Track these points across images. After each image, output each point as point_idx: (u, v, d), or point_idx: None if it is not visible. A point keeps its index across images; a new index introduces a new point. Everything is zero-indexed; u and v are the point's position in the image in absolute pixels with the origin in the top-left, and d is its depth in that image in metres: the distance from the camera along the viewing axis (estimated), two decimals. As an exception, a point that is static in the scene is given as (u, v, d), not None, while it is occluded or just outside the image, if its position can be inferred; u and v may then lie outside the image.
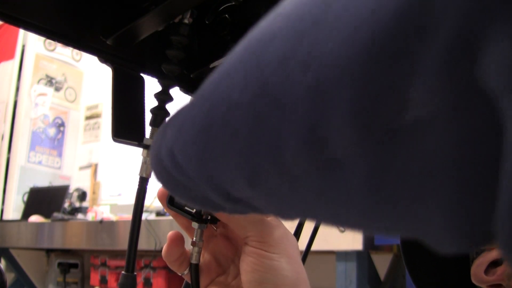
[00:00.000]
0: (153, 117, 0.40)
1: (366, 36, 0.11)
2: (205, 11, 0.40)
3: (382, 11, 0.11)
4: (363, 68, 0.11)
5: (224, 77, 0.15)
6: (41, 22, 0.36)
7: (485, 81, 0.10)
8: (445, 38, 0.10)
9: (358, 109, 0.11)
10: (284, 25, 0.13)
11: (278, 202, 0.16)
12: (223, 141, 0.15)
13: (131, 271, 0.38)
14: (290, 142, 0.13)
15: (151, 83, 0.43)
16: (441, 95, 0.10)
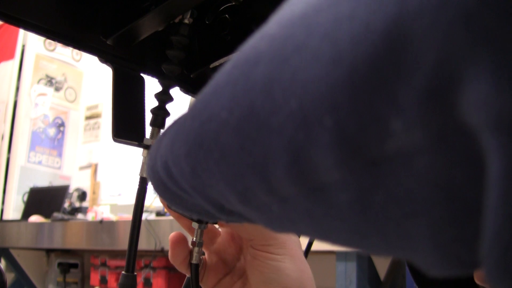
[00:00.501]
0: (153, 117, 0.40)
1: (346, 69, 0.11)
2: (205, 11, 0.40)
3: (361, 45, 0.11)
4: (344, 99, 0.11)
5: (214, 95, 0.15)
6: (41, 22, 0.36)
7: (466, 117, 0.10)
8: (424, 75, 0.10)
9: (340, 138, 0.12)
10: (268, 47, 0.13)
11: (269, 218, 0.16)
12: (213, 158, 0.15)
13: (131, 271, 0.38)
14: (276, 165, 0.13)
15: (151, 83, 0.43)
16: (422, 129, 0.11)
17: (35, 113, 3.20)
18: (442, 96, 0.10)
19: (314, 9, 0.12)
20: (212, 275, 0.38)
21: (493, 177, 0.10)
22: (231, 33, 0.39)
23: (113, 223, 2.06)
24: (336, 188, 0.13)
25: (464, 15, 0.09)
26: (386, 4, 0.11)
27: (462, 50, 0.10)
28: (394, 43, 0.10)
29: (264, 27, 0.15)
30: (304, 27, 0.12)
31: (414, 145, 0.11)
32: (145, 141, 0.40)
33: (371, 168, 0.12)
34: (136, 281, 0.38)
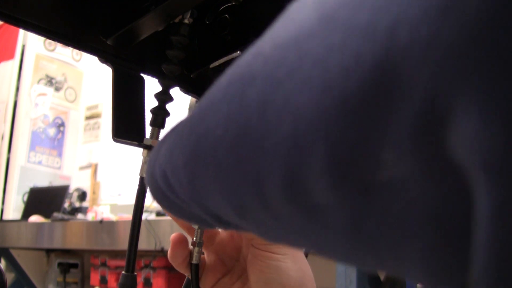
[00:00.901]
0: (153, 117, 0.40)
1: (337, 99, 0.11)
2: (205, 11, 0.40)
3: (351, 77, 0.11)
4: (336, 128, 0.11)
5: (211, 109, 0.16)
6: (41, 22, 0.36)
7: (455, 153, 0.10)
8: (413, 110, 0.10)
9: (333, 164, 0.12)
10: (262, 68, 0.14)
11: (265, 231, 0.16)
12: (209, 172, 0.16)
13: (131, 271, 0.38)
14: (270, 185, 0.13)
15: (151, 83, 0.43)
16: (412, 160, 0.11)
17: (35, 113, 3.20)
18: (432, 131, 0.10)
19: (307, 34, 0.13)
20: (211, 275, 0.38)
21: (481, 215, 0.10)
22: (231, 33, 0.39)
23: (113, 223, 2.06)
24: (330, 209, 0.13)
25: (453, 54, 0.10)
26: (376, 37, 0.11)
27: (451, 88, 0.10)
28: (383, 77, 0.10)
29: (258, 44, 0.15)
30: (297, 51, 0.13)
31: (404, 176, 0.11)
32: (145, 141, 0.40)
33: (364, 193, 0.12)
34: (136, 281, 0.38)
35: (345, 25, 0.11)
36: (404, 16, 0.10)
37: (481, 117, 0.09)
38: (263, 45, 0.14)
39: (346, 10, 0.12)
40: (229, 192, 0.15)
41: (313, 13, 0.13)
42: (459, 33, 0.09)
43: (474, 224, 0.10)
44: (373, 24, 0.11)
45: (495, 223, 0.09)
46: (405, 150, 0.11)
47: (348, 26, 0.11)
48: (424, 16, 0.10)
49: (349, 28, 0.11)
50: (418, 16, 0.10)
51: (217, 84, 0.16)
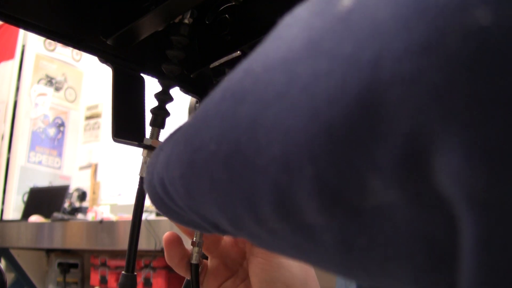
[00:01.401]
0: (153, 117, 0.40)
1: (324, 125, 0.11)
2: (205, 11, 0.40)
3: (337, 105, 0.11)
4: (323, 153, 0.12)
5: (204, 123, 0.16)
6: (41, 22, 0.36)
7: (440, 186, 0.10)
8: (398, 141, 0.10)
9: (321, 187, 0.12)
10: (252, 87, 0.14)
11: (260, 243, 0.17)
12: (204, 185, 0.16)
13: (131, 271, 0.38)
14: (262, 202, 0.14)
15: (151, 83, 0.43)
16: (398, 188, 0.11)
17: (35, 113, 3.19)
18: (417, 163, 0.10)
19: (294, 58, 0.13)
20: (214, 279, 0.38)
21: (467, 245, 0.10)
22: (231, 33, 0.39)
23: (113, 223, 2.06)
24: (321, 229, 0.13)
25: (434, 93, 0.10)
26: (360, 68, 0.11)
27: (433, 124, 0.10)
28: (368, 108, 0.11)
29: (251, 59, 0.15)
30: (285, 75, 0.13)
31: (392, 202, 0.11)
32: (145, 141, 0.40)
33: (353, 215, 0.12)
34: (136, 281, 0.38)
35: (330, 53, 0.12)
36: (387, 51, 0.10)
37: (465, 155, 0.10)
38: (254, 62, 0.15)
39: (331, 37, 0.12)
40: (224, 206, 0.16)
41: (301, 34, 0.13)
42: (440, 73, 0.10)
43: (460, 251, 0.10)
44: (357, 55, 0.11)
45: (479, 254, 0.10)
46: (391, 179, 0.11)
47: (333, 55, 0.12)
48: (405, 52, 0.10)
49: (334, 56, 0.12)
50: (400, 51, 0.10)
51: (211, 97, 0.16)
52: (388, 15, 0.11)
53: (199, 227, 0.20)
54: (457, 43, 0.09)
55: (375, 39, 0.11)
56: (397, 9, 0.10)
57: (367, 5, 0.11)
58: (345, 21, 0.12)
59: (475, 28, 0.09)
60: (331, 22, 0.12)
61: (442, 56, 0.10)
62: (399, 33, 0.10)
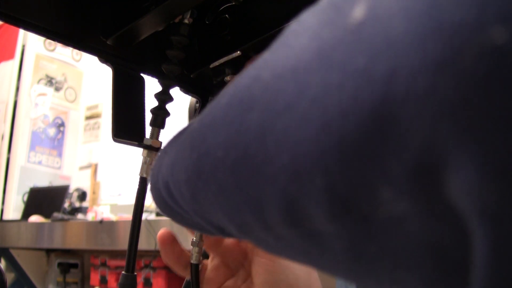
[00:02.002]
0: (153, 117, 0.40)
1: (336, 138, 0.12)
2: (205, 11, 0.40)
3: (350, 118, 0.11)
4: (335, 165, 0.12)
5: (211, 129, 0.16)
6: (41, 22, 0.36)
7: (452, 200, 0.10)
8: (411, 155, 0.11)
9: (332, 197, 0.12)
10: (261, 95, 0.14)
11: (268, 248, 0.17)
12: (211, 190, 0.16)
13: (131, 271, 0.38)
14: (270, 209, 0.14)
15: (151, 83, 0.43)
16: (410, 200, 0.11)
17: (35, 113, 3.19)
18: (429, 176, 0.11)
19: (304, 68, 0.13)
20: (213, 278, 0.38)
21: (478, 257, 0.10)
22: (231, 33, 0.39)
23: (113, 223, 2.06)
24: (330, 236, 0.13)
25: (448, 109, 0.10)
26: (374, 83, 0.11)
27: (447, 140, 0.10)
28: (381, 122, 0.11)
29: (258, 65, 0.15)
30: (295, 85, 0.13)
31: (403, 212, 0.11)
32: (145, 141, 0.40)
33: (363, 224, 0.12)
34: (136, 281, 0.38)
35: (342, 66, 0.12)
36: (401, 66, 0.10)
37: (478, 170, 0.10)
38: (262, 69, 0.14)
39: (343, 49, 0.12)
40: (230, 211, 0.16)
41: (311, 44, 0.13)
42: (455, 90, 0.10)
43: (471, 263, 0.11)
44: (370, 69, 0.11)
45: (491, 268, 0.10)
46: (403, 191, 0.11)
47: (345, 67, 0.12)
48: (420, 68, 0.10)
49: (347, 69, 0.12)
50: (415, 67, 0.10)
51: (217, 103, 0.16)
52: (402, 30, 0.11)
53: (204, 230, 0.20)
54: (472, 62, 0.10)
55: (389, 54, 0.11)
56: (412, 25, 0.11)
57: (379, 18, 0.11)
58: (357, 34, 0.12)
59: (491, 47, 0.09)
60: (342, 34, 0.12)
61: (457, 74, 0.10)
62: (414, 49, 0.10)
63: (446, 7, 0.10)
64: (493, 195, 0.10)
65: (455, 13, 0.10)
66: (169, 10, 0.35)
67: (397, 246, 0.12)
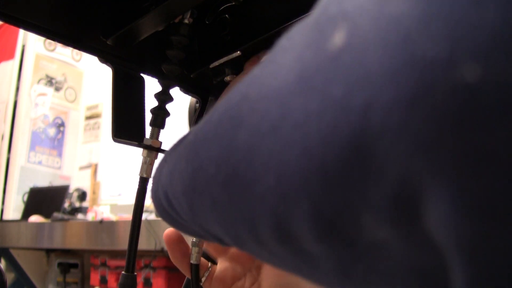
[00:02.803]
0: (153, 117, 0.40)
1: (317, 164, 0.12)
2: (205, 11, 0.40)
3: (329, 146, 0.12)
4: (318, 189, 0.12)
5: (204, 144, 0.16)
6: (41, 22, 0.36)
7: (430, 229, 0.11)
8: (389, 185, 0.11)
9: (317, 220, 0.12)
10: (249, 115, 0.14)
11: (264, 260, 0.17)
12: (206, 203, 0.16)
13: (131, 271, 0.38)
14: (261, 226, 0.14)
15: (151, 83, 0.43)
16: (391, 227, 0.11)
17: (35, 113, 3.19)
18: (408, 207, 0.11)
19: (288, 90, 0.13)
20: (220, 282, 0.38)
21: (457, 286, 0.10)
22: (231, 33, 0.39)
23: (113, 223, 2.06)
24: (319, 255, 0.13)
25: (422, 146, 0.10)
26: (351, 113, 0.11)
27: (422, 175, 0.10)
28: (359, 153, 0.11)
29: (248, 81, 0.15)
30: (278, 107, 0.13)
31: (386, 237, 0.12)
32: (145, 141, 0.40)
33: (350, 247, 0.12)
34: (136, 281, 0.38)
35: (321, 94, 0.12)
36: (376, 99, 0.11)
37: (451, 204, 0.10)
38: (251, 86, 0.15)
39: (322, 76, 0.12)
40: (225, 225, 0.16)
41: (294, 65, 0.13)
42: (427, 126, 0.10)
43: (451, 284, 0.11)
44: (347, 99, 0.11)
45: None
46: (384, 218, 0.11)
47: (324, 95, 0.12)
48: (394, 103, 0.10)
49: (325, 98, 0.12)
50: (389, 102, 0.10)
51: (210, 116, 0.17)
52: (377, 62, 0.11)
53: (204, 237, 0.20)
54: (444, 99, 0.10)
55: (364, 86, 0.11)
56: (386, 58, 0.11)
57: (356, 47, 0.11)
58: (335, 61, 0.12)
59: (462, 85, 0.09)
60: (322, 59, 0.12)
61: (429, 111, 0.10)
62: (388, 83, 0.10)
63: (419, 41, 0.10)
64: (468, 230, 0.10)
65: (428, 47, 0.10)
66: (169, 10, 0.35)
67: (383, 267, 0.12)
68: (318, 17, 0.13)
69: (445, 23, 0.10)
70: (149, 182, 0.40)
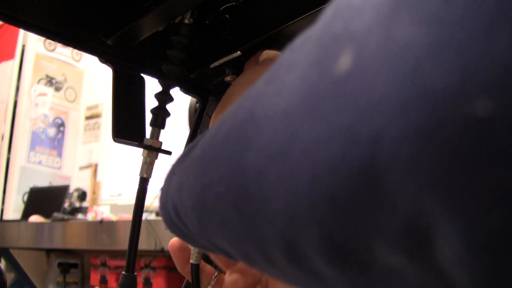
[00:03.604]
0: (153, 118, 0.40)
1: (326, 192, 0.12)
2: (205, 11, 0.40)
3: (338, 175, 0.11)
4: (327, 216, 0.12)
5: (211, 163, 0.16)
6: (41, 22, 0.36)
7: (442, 261, 0.10)
8: (400, 217, 0.10)
9: (329, 245, 0.12)
10: (256, 136, 0.14)
11: (274, 276, 0.17)
12: (215, 221, 0.16)
13: (131, 271, 0.38)
14: (272, 247, 0.14)
15: (152, 83, 0.43)
16: (402, 255, 0.11)
17: (35, 113, 3.19)
18: (420, 238, 0.10)
19: (294, 114, 0.13)
20: None
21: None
22: (231, 33, 0.39)
23: (113, 223, 2.06)
24: (330, 278, 0.13)
25: (433, 181, 0.10)
26: (360, 144, 0.11)
27: (433, 208, 0.10)
28: (369, 183, 0.11)
29: (254, 97, 0.15)
30: (286, 131, 0.13)
31: (399, 265, 0.11)
32: (145, 141, 0.40)
33: (362, 272, 0.12)
34: (136, 281, 0.38)
35: (329, 121, 0.12)
36: (385, 130, 0.10)
37: (464, 240, 0.10)
38: (257, 104, 0.14)
39: (329, 101, 0.12)
40: (234, 242, 0.16)
41: (300, 86, 0.13)
42: (438, 161, 0.10)
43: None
44: (355, 128, 0.11)
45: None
46: (396, 247, 0.11)
47: (331, 122, 0.11)
48: (404, 135, 0.10)
49: (333, 124, 0.11)
50: (399, 134, 0.10)
51: (216, 130, 0.16)
52: (386, 91, 0.10)
53: (213, 251, 0.20)
54: (456, 133, 0.09)
55: (373, 116, 0.11)
56: (395, 87, 0.10)
57: (364, 74, 0.11)
58: (342, 86, 0.11)
59: (474, 119, 0.09)
60: (328, 82, 0.12)
61: (441, 145, 0.10)
62: (398, 115, 0.10)
63: (429, 71, 0.10)
64: (481, 268, 0.10)
65: (439, 79, 0.10)
66: (169, 10, 0.35)
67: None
68: (322, 33, 0.13)
69: (456, 53, 0.09)
70: (149, 182, 0.40)
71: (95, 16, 0.39)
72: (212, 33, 0.40)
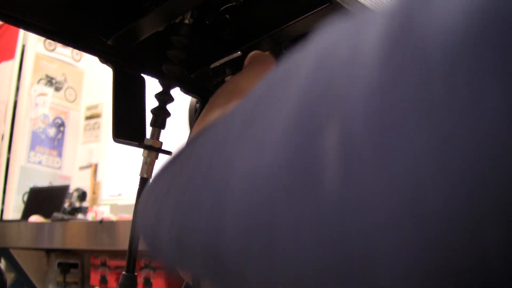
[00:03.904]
0: (153, 118, 0.40)
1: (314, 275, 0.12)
2: (205, 11, 0.40)
3: (322, 260, 0.11)
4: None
5: (190, 214, 0.16)
6: (41, 22, 0.36)
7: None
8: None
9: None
10: (233, 206, 0.13)
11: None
12: (192, 264, 0.16)
13: (131, 271, 0.38)
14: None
15: (152, 84, 0.43)
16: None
17: (35, 113, 3.19)
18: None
19: (275, 196, 0.12)
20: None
21: None
22: (231, 33, 0.39)
23: (113, 223, 2.06)
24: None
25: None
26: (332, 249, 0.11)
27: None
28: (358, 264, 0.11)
29: (230, 150, 0.14)
30: (266, 213, 0.12)
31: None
32: (145, 142, 0.40)
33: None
34: (136, 281, 0.38)
35: (316, 238, 0.11)
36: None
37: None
38: (234, 163, 0.14)
39: (315, 221, 0.11)
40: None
41: (280, 154, 0.12)
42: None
43: None
44: (347, 268, 0.11)
45: None
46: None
47: (318, 237, 0.11)
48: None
49: (320, 242, 0.11)
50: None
51: (193, 174, 0.16)
52: (383, 245, 0.10)
53: (184, 270, 0.21)
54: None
55: (366, 267, 0.11)
56: (392, 240, 0.10)
57: (354, 193, 0.11)
58: (331, 210, 0.11)
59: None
60: (316, 203, 0.11)
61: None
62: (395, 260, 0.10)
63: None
64: None
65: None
66: (170, 10, 0.35)
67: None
68: (305, 95, 0.12)
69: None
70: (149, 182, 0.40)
71: (95, 16, 0.39)
72: (212, 33, 0.40)
